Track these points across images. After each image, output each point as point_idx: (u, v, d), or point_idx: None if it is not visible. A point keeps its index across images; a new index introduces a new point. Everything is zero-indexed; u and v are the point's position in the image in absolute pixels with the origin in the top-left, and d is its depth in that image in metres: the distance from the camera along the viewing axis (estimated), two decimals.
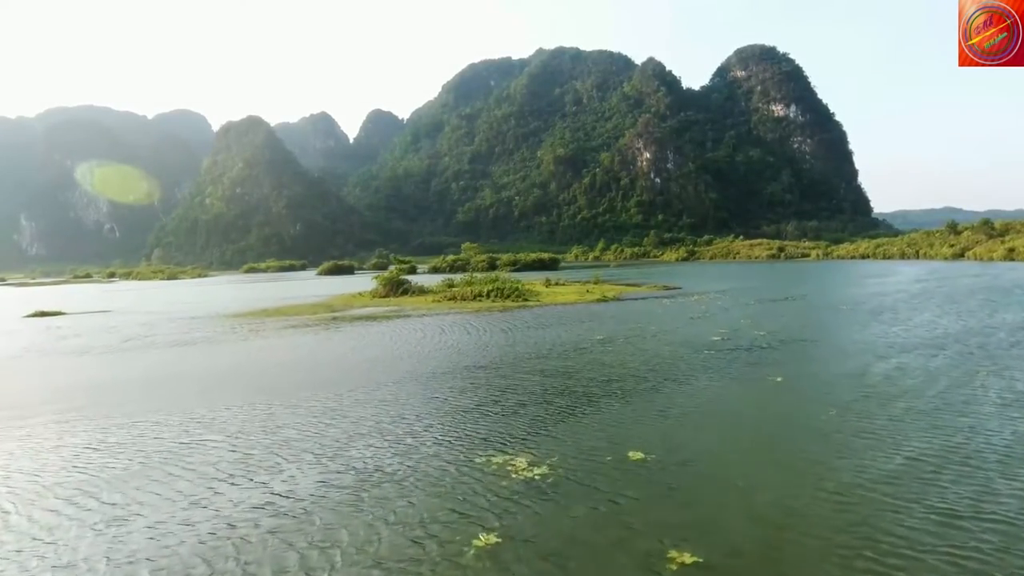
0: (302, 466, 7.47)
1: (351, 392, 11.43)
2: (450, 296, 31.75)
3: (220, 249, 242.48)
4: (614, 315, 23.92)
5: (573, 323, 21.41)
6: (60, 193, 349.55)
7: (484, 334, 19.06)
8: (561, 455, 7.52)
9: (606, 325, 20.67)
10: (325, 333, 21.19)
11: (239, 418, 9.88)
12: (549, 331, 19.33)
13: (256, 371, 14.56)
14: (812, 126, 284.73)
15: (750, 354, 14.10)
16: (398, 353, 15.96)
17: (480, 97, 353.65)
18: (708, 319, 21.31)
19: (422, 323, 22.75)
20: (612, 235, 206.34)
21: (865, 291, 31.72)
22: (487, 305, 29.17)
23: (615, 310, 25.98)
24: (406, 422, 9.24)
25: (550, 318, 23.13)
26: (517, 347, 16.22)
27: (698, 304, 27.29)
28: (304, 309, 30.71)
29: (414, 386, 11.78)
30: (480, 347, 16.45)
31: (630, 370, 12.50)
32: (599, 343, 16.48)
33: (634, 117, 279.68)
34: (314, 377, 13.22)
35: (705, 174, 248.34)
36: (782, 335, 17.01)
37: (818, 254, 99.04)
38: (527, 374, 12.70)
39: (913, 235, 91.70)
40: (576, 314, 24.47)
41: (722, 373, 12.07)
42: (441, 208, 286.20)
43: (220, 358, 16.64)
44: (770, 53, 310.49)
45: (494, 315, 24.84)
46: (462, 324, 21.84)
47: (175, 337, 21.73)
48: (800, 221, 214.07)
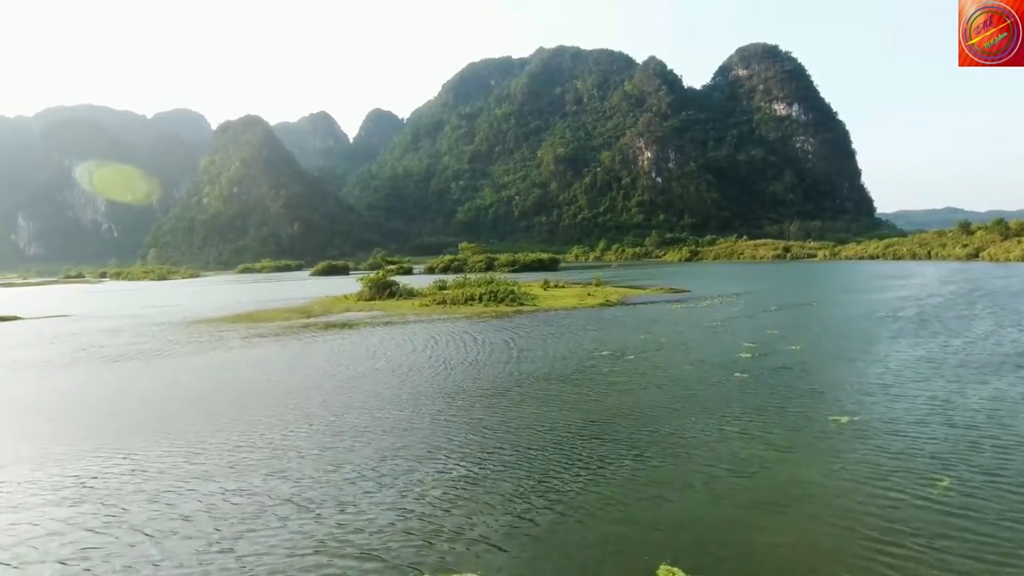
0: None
1: (254, 437, 8.74)
2: (439, 300, 29.03)
3: (217, 249, 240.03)
4: (620, 322, 21.21)
5: (574, 332, 18.70)
6: (58, 192, 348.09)
7: (469, 348, 16.34)
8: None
9: (611, 335, 17.97)
10: (287, 344, 18.49)
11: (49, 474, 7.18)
12: (546, 343, 16.64)
13: (176, 398, 11.86)
14: (815, 125, 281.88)
15: (793, 379, 11.36)
16: (355, 374, 13.27)
17: (480, 96, 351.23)
18: (729, 329, 18.59)
19: (401, 332, 20.05)
20: (613, 235, 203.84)
21: (892, 295, 28.96)
22: (479, 310, 26.45)
23: (620, 316, 23.26)
24: (304, 515, 6.23)
25: (548, 326, 20.43)
26: (506, 366, 13.53)
27: (712, 310, 24.56)
28: (278, 314, 28.00)
29: (347, 438, 8.99)
30: (460, 367, 13.74)
31: (646, 407, 9.75)
32: (606, 360, 13.77)
33: (635, 116, 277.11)
34: (224, 409, 10.54)
35: (707, 174, 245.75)
36: (823, 352, 14.28)
37: (825, 254, 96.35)
38: (512, 413, 9.96)
39: (924, 235, 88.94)
40: (577, 321, 21.76)
41: (766, 411, 9.30)
42: (441, 208, 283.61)
43: (143, 380, 13.92)
44: (772, 52, 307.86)
45: (485, 322, 22.14)
46: (446, 334, 19.14)
47: (123, 349, 19.06)
48: (803, 221, 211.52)
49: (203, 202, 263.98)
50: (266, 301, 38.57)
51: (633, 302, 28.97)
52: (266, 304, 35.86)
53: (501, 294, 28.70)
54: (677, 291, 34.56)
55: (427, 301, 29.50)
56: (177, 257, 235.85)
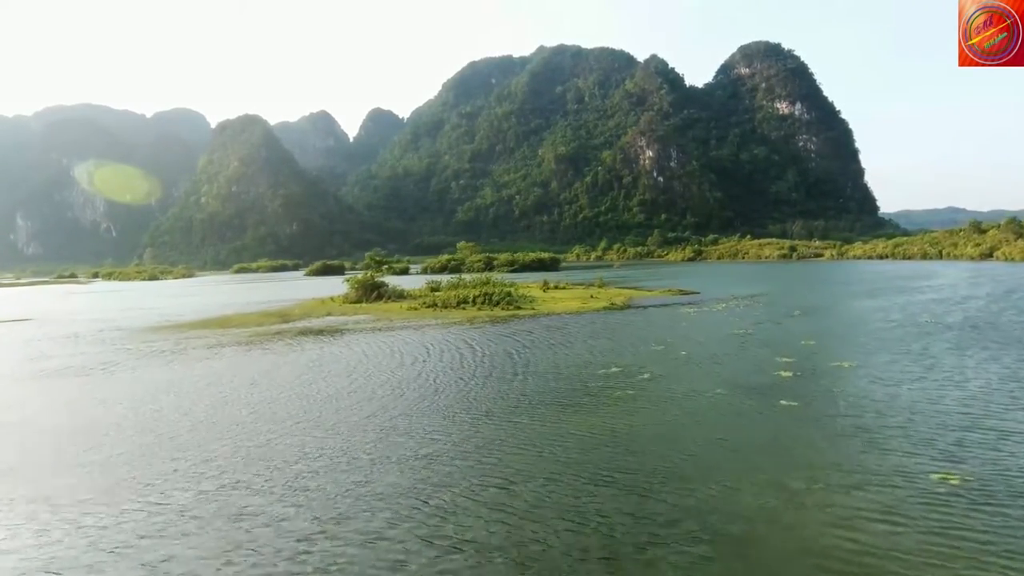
0: None
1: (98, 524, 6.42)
2: (430, 302, 26.71)
3: (215, 248, 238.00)
4: (629, 329, 18.87)
5: (577, 342, 16.38)
6: (57, 192, 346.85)
7: (453, 362, 14.03)
8: None
9: (621, 345, 15.66)
10: (252, 356, 16.17)
11: None
12: (544, 355, 14.33)
13: (76, 432, 9.54)
14: (817, 124, 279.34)
15: (857, 409, 9.02)
16: (321, 398, 10.97)
17: (481, 95, 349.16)
18: (756, 338, 16.25)
19: (382, 342, 17.73)
20: (614, 234, 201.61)
21: (923, 297, 26.61)
22: (472, 314, 24.13)
23: (628, 321, 20.92)
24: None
25: (547, 333, 18.11)
26: (498, 387, 11.23)
27: (730, 315, 22.21)
28: (253, 319, 25.67)
29: (261, 499, 6.69)
30: (435, 390, 11.42)
31: (678, 456, 7.40)
32: (618, 380, 11.45)
33: (636, 115, 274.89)
34: (120, 455, 8.23)
35: (709, 173, 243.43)
36: (878, 369, 11.92)
37: (832, 254, 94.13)
38: (499, 470, 7.64)
39: (933, 234, 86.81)
40: (580, 327, 19.43)
41: (841, 461, 6.97)
42: (441, 207, 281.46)
43: (56, 405, 11.63)
44: (775, 50, 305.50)
45: (478, 329, 19.83)
46: (432, 344, 16.82)
47: (69, 361, 16.79)
48: (806, 220, 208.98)
49: (201, 201, 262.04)
50: (249, 303, 36.30)
51: (641, 305, 26.62)
52: (249, 306, 33.59)
53: (496, 296, 26.37)
54: (686, 292, 32.16)
55: (417, 304, 27.19)
56: (175, 257, 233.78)
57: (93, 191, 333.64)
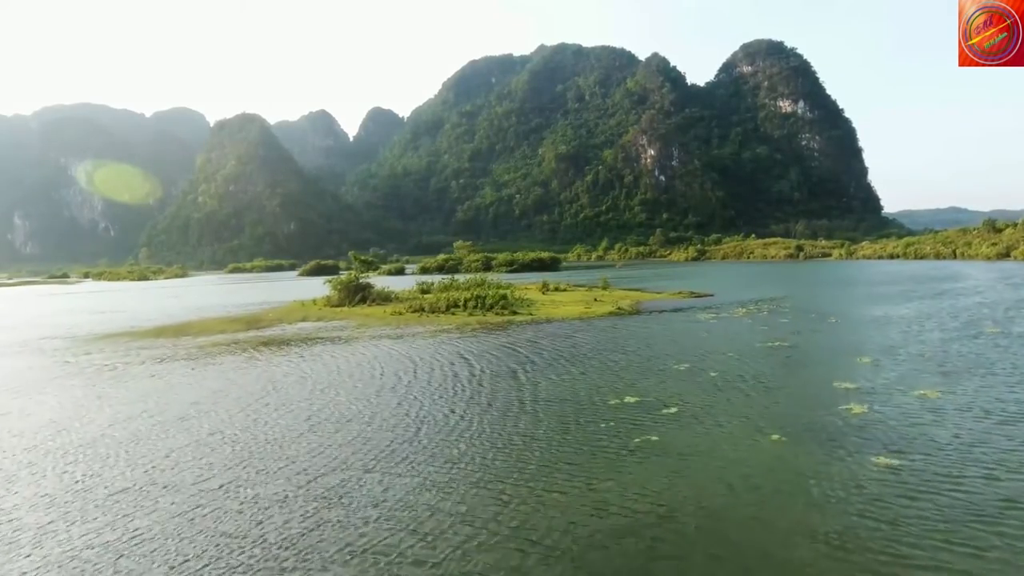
0: None
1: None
2: (417, 307, 23.99)
3: (212, 248, 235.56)
4: (642, 340, 16.16)
5: (581, 358, 13.67)
6: (55, 191, 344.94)
7: (429, 388, 11.31)
8: None
9: (634, 362, 12.97)
10: (199, 373, 13.47)
11: None
12: (543, 376, 11.65)
13: None
14: (821, 123, 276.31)
15: (992, 472, 6.33)
16: (247, 443, 8.26)
17: (481, 94, 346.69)
18: (796, 353, 13.54)
19: (354, 354, 15.03)
20: (615, 234, 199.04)
21: (968, 301, 23.84)
22: (462, 320, 21.43)
23: (640, 330, 18.18)
24: None
25: (547, 345, 15.41)
26: (484, 424, 8.55)
27: (755, 322, 19.45)
28: (218, 325, 22.95)
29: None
30: (407, 433, 8.72)
31: (738, 568, 4.76)
32: (635, 415, 8.73)
33: (638, 113, 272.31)
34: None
35: (711, 172, 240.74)
36: (982, 403, 9.13)
37: (840, 254, 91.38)
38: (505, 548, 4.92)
39: (946, 233, 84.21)
40: (584, 338, 16.71)
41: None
42: (440, 207, 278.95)
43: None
44: (777, 48, 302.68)
45: (466, 339, 17.15)
46: (411, 359, 14.12)
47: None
48: (809, 220, 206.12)
49: (198, 201, 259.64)
50: (226, 307, 33.60)
51: (651, 309, 23.88)
52: (224, 310, 30.91)
53: (490, 300, 23.65)
54: (699, 295, 29.33)
55: (403, 308, 24.48)
56: (172, 257, 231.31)
57: (91, 190, 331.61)
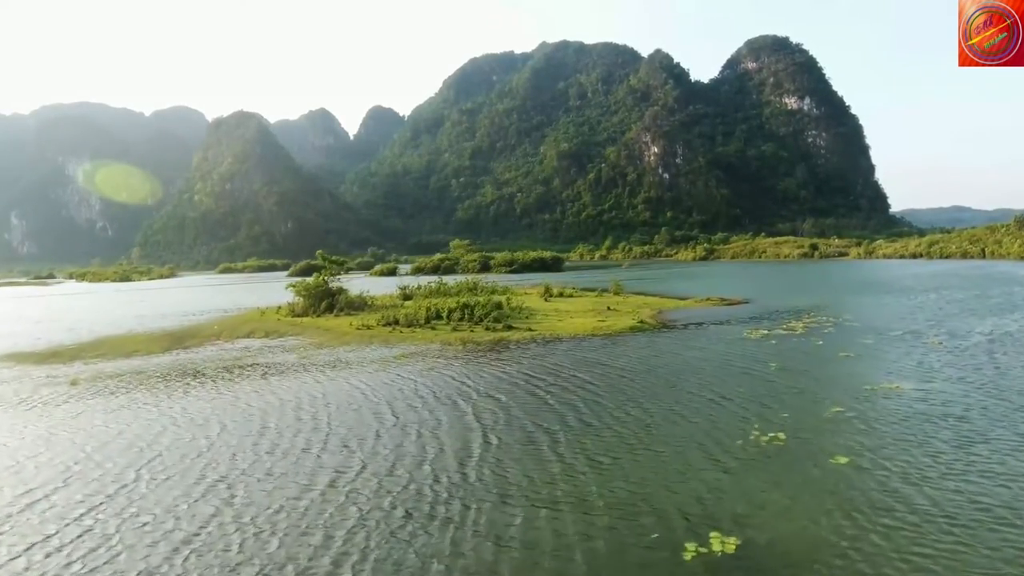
0: None
1: None
2: (391, 318, 19.62)
3: (208, 247, 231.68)
4: (685, 375, 11.77)
5: (602, 412, 9.32)
6: (52, 191, 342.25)
7: (369, 488, 6.99)
8: None
9: (687, 423, 8.63)
10: (51, 425, 9.23)
11: None
12: (550, 453, 7.34)
13: None
14: (827, 119, 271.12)
15: None
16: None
17: (482, 92, 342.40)
18: (942, 403, 9.19)
19: (275, 397, 10.79)
20: (619, 233, 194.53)
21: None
22: (444, 338, 17.10)
23: (676, 357, 13.73)
24: None
25: (555, 384, 11.10)
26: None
27: (826, 343, 14.84)
28: (133, 344, 18.63)
29: None
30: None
31: None
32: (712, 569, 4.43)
33: (641, 111, 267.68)
34: None
35: (715, 169, 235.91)
36: None
37: (859, 253, 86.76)
38: None
39: (973, 231, 79.88)
40: (604, 370, 12.33)
41: None
42: (440, 205, 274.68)
43: None
44: (782, 44, 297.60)
45: (443, 368, 12.86)
46: (356, 407, 9.83)
47: None
48: (816, 218, 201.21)
49: (194, 199, 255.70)
50: (185, 314, 29.36)
51: (677, 321, 19.45)
52: (174, 319, 26.62)
53: (481, 310, 19.26)
54: (731, 302, 24.72)
55: (374, 320, 20.14)
56: (167, 256, 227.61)
57: (89, 190, 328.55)
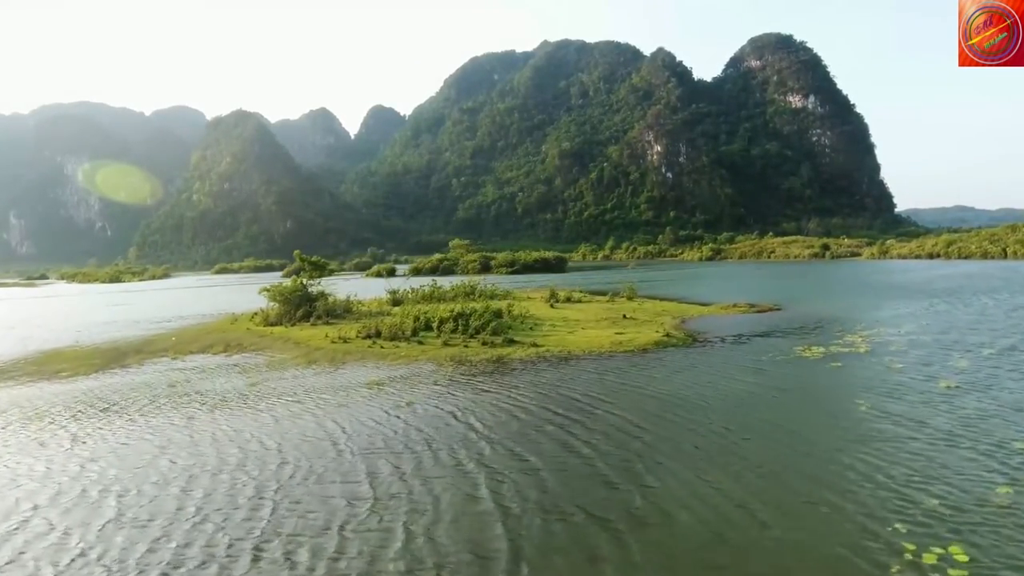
0: None
1: None
2: (373, 330, 16.81)
3: (206, 247, 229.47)
4: (758, 419, 8.86)
5: (677, 480, 6.56)
6: (51, 190, 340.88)
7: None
8: None
9: (786, 516, 5.84)
10: None
11: None
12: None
13: None
14: (832, 118, 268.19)
15: None
16: None
17: (483, 91, 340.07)
18: None
19: (192, 446, 8.15)
20: (621, 233, 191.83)
21: None
22: (432, 354, 14.33)
23: (731, 386, 10.60)
24: None
25: (586, 428, 8.23)
26: None
27: (907, 365, 11.51)
28: (58, 362, 15.88)
29: None
30: None
31: None
32: None
33: (643, 109, 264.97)
34: None
35: (719, 168, 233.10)
36: None
37: (872, 253, 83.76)
38: None
39: (994, 230, 77.02)
40: (643, 403, 9.43)
41: None
42: (441, 205, 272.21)
43: None
44: (786, 42, 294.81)
45: (427, 404, 10.08)
46: (295, 474, 7.15)
47: None
48: (822, 218, 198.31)
49: (193, 199, 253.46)
50: (152, 321, 26.64)
51: (707, 333, 16.60)
52: (137, 327, 23.90)
53: (477, 320, 16.42)
54: (759, 308, 21.75)
55: (354, 331, 17.33)
56: (166, 256, 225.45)
57: (88, 189, 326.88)
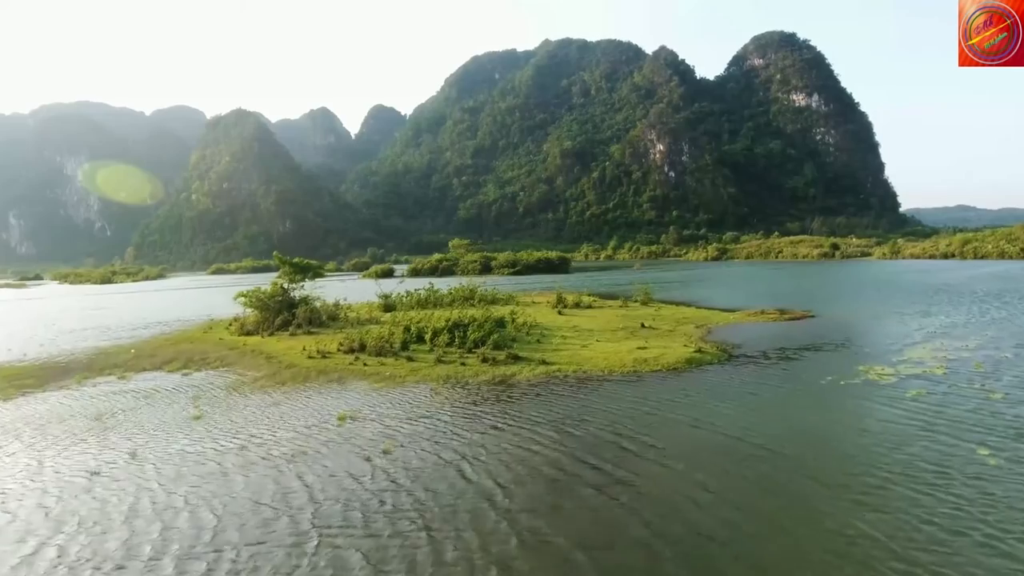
0: None
1: None
2: (357, 343, 14.64)
3: (205, 247, 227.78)
4: (845, 467, 6.81)
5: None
6: (50, 190, 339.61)
7: None
8: None
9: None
10: None
11: None
12: None
13: None
14: (835, 116, 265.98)
15: None
16: None
17: (484, 90, 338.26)
18: None
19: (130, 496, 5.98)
20: (624, 232, 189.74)
21: None
22: (423, 373, 12.20)
23: (786, 416, 8.50)
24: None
25: (629, 487, 6.14)
26: None
27: (1007, 394, 9.64)
28: (9, 377, 13.74)
29: None
30: None
31: None
32: None
33: (645, 108, 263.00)
34: None
35: (722, 167, 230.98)
36: None
37: (883, 252, 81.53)
38: None
39: (1010, 229, 74.75)
40: (690, 447, 7.32)
41: None
42: (442, 205, 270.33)
43: None
44: (790, 40, 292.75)
45: (413, 447, 8.02)
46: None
47: None
48: (826, 217, 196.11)
49: (191, 199, 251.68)
50: (127, 327, 24.53)
51: (742, 346, 14.36)
52: (105, 334, 21.89)
53: (476, 332, 14.24)
54: (791, 315, 19.57)
55: (335, 343, 15.17)
56: (164, 256, 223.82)
57: (88, 189, 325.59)
